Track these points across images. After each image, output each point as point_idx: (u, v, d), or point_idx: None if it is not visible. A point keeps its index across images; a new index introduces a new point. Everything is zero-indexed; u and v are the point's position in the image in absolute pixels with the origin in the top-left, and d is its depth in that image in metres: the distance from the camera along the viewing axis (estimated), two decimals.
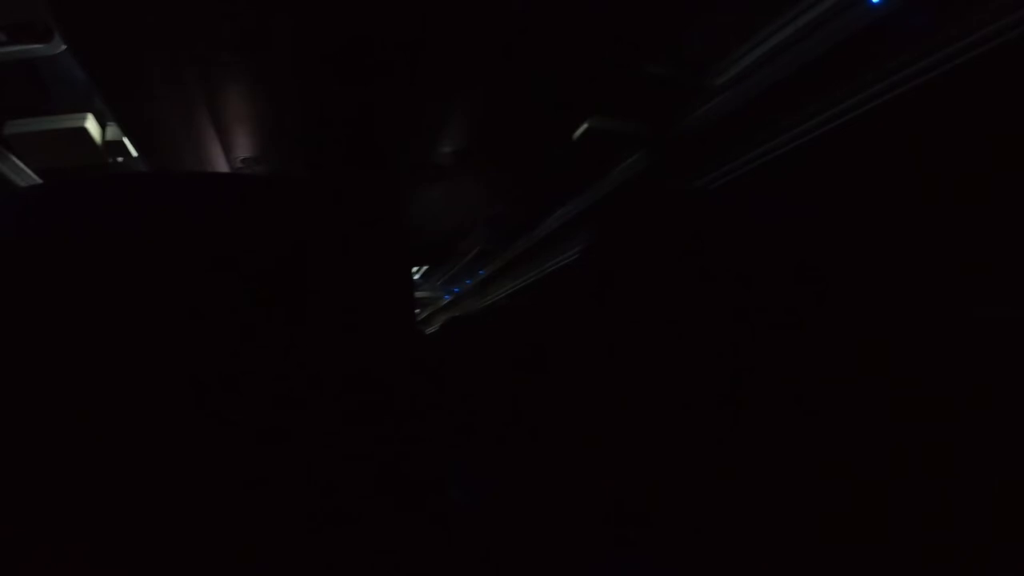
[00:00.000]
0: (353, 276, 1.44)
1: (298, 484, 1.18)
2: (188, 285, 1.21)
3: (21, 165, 2.02)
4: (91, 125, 1.91)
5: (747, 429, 1.55)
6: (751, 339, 1.59)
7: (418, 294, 4.82)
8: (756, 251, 1.63)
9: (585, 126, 2.16)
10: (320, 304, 1.39)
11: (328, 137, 1.45)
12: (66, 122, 1.87)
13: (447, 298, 5.00)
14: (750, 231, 1.67)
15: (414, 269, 3.99)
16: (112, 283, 1.19)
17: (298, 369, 1.29)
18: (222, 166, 1.61)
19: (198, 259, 1.25)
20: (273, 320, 1.30)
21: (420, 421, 1.40)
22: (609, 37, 1.20)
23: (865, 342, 1.33)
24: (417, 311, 5.30)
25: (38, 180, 2.09)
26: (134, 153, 2.03)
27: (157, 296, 1.19)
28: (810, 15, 1.53)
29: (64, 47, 1.61)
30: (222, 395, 1.15)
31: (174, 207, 1.30)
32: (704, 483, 1.62)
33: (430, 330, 5.15)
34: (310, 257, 1.39)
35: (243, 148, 1.50)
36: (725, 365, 1.65)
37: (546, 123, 1.55)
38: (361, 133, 1.44)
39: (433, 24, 1.06)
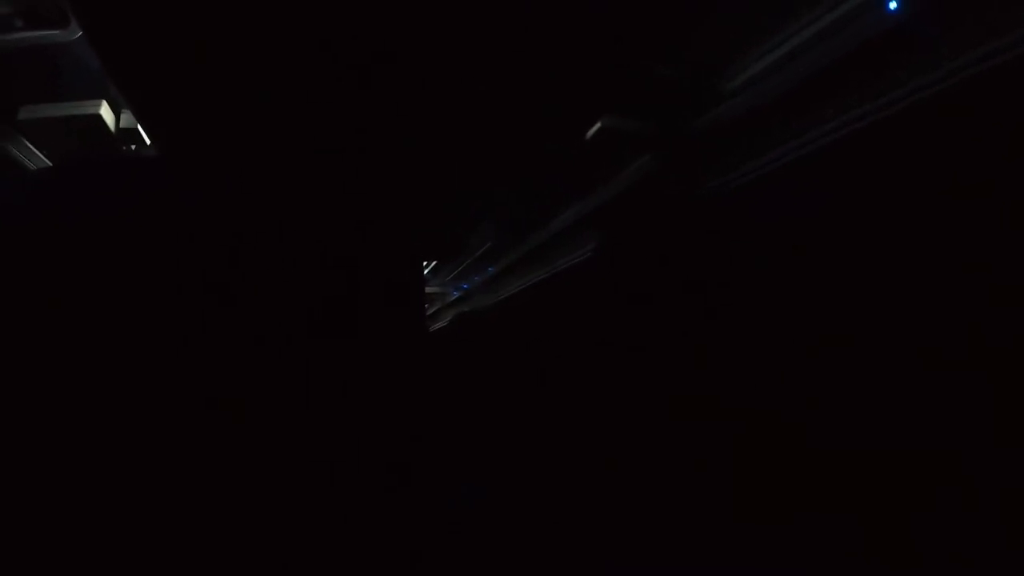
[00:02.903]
0: (364, 268, 1.44)
1: (301, 481, 1.18)
2: (192, 275, 1.21)
3: (35, 151, 2.03)
4: (105, 112, 1.91)
5: (751, 430, 1.54)
6: (760, 340, 1.59)
7: (428, 289, 4.82)
8: (768, 254, 1.62)
9: (598, 125, 2.15)
10: (331, 298, 1.39)
11: (342, 133, 1.45)
12: (80, 109, 1.87)
13: (455, 294, 5.00)
14: (762, 235, 1.66)
15: (423, 264, 3.99)
16: (113, 269, 1.19)
17: (305, 364, 1.29)
18: (231, 158, 1.61)
19: (202, 248, 1.25)
20: (283, 312, 1.30)
21: (428, 416, 1.40)
22: (621, 37, 1.19)
23: (875, 345, 1.32)
24: (426, 306, 5.31)
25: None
26: (148, 141, 2.04)
27: (156, 286, 1.19)
28: (825, 20, 1.52)
29: (80, 33, 1.61)
30: (224, 390, 1.15)
31: (178, 195, 1.30)
32: (707, 484, 1.62)
33: (439, 325, 5.16)
34: (322, 251, 1.39)
35: (252, 141, 1.50)
36: (733, 366, 1.64)
37: (559, 121, 1.55)
38: (373, 131, 1.44)
39: (441, 20, 1.05)
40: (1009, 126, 1.12)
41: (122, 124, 1.99)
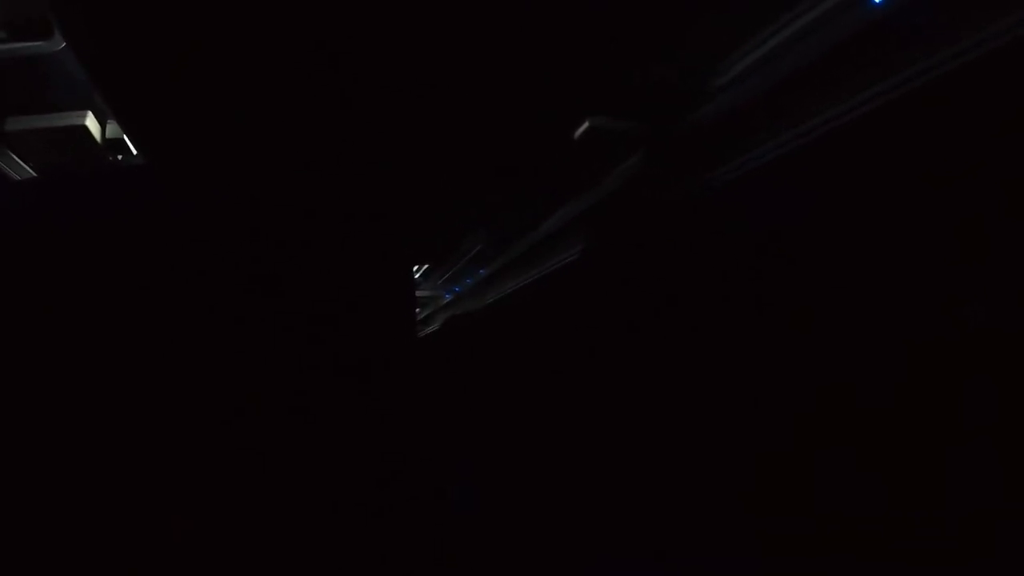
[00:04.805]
0: (354, 274, 1.44)
1: (297, 484, 1.18)
2: (185, 281, 1.21)
3: (21, 163, 2.01)
4: (91, 123, 1.90)
5: (747, 429, 1.55)
6: (749, 339, 1.59)
7: (418, 293, 4.82)
8: (755, 252, 1.63)
9: (586, 125, 2.15)
10: (321, 301, 1.39)
11: (327, 137, 1.45)
12: (66, 120, 1.86)
13: (447, 297, 4.99)
14: (750, 232, 1.66)
15: (414, 268, 3.99)
16: (105, 275, 1.19)
17: (298, 367, 1.29)
18: (219, 166, 1.61)
19: (194, 254, 1.25)
20: (273, 319, 1.30)
21: (420, 420, 1.40)
22: (608, 37, 1.20)
23: (864, 343, 1.33)
24: (417, 310, 5.30)
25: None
26: (134, 151, 2.03)
27: (152, 291, 1.19)
28: (811, 16, 1.53)
29: (64, 44, 1.60)
30: (215, 396, 1.15)
31: (169, 202, 1.30)
32: (703, 483, 1.62)
33: (431, 329, 5.15)
34: (311, 257, 1.39)
35: (240, 149, 1.50)
36: (724, 365, 1.65)
37: (546, 121, 1.55)
38: (360, 132, 1.44)
39: (427, 27, 1.05)
40: (996, 117, 1.13)
41: (108, 135, 1.98)
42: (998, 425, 1.04)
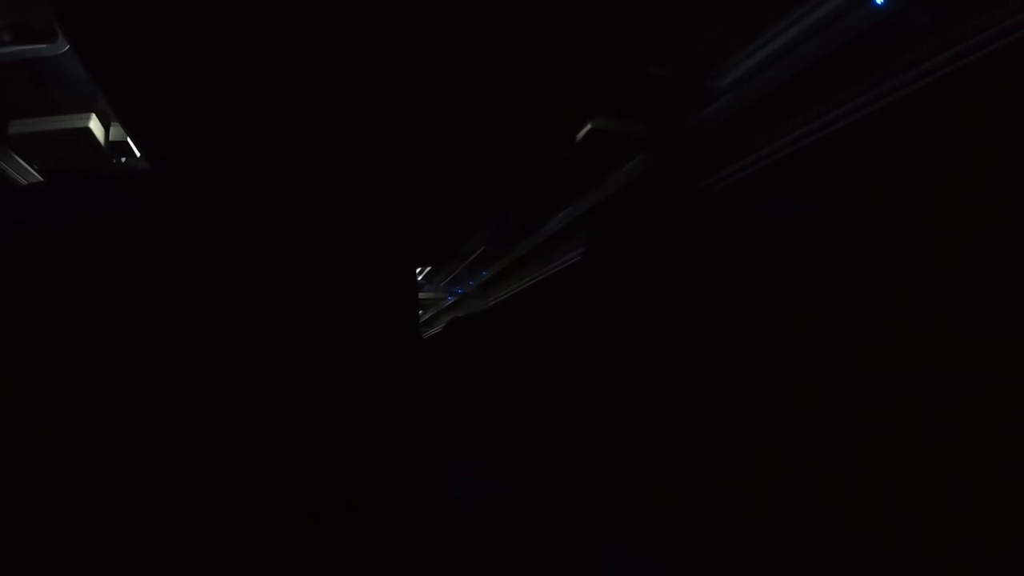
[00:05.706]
0: (356, 276, 1.44)
1: (299, 486, 1.18)
2: (187, 283, 1.21)
3: (25, 165, 2.02)
4: (94, 126, 1.91)
5: (748, 429, 1.55)
6: (752, 340, 1.59)
7: (421, 295, 4.83)
8: (759, 253, 1.63)
9: (588, 127, 2.15)
10: (323, 304, 1.39)
11: (330, 139, 1.45)
12: (69, 122, 1.87)
13: (450, 299, 5.01)
14: (753, 233, 1.66)
15: (417, 270, 3.99)
16: (110, 279, 1.19)
17: (300, 370, 1.29)
18: (223, 169, 1.61)
19: (197, 257, 1.25)
20: (274, 322, 1.30)
21: (422, 423, 1.40)
22: (612, 38, 1.20)
23: (866, 344, 1.33)
24: (420, 312, 5.31)
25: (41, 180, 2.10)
26: (137, 154, 2.04)
27: (154, 294, 1.19)
28: (815, 16, 1.53)
29: (67, 47, 1.61)
30: (218, 398, 1.15)
31: (174, 205, 1.30)
32: (705, 483, 1.62)
33: (433, 331, 5.15)
34: (314, 259, 1.39)
35: (243, 152, 1.50)
36: (726, 365, 1.65)
37: (549, 123, 1.55)
38: (361, 134, 1.44)
39: (433, 23, 1.05)
40: (998, 118, 1.13)
41: (112, 137, 1.98)
42: (998, 425, 1.04)
